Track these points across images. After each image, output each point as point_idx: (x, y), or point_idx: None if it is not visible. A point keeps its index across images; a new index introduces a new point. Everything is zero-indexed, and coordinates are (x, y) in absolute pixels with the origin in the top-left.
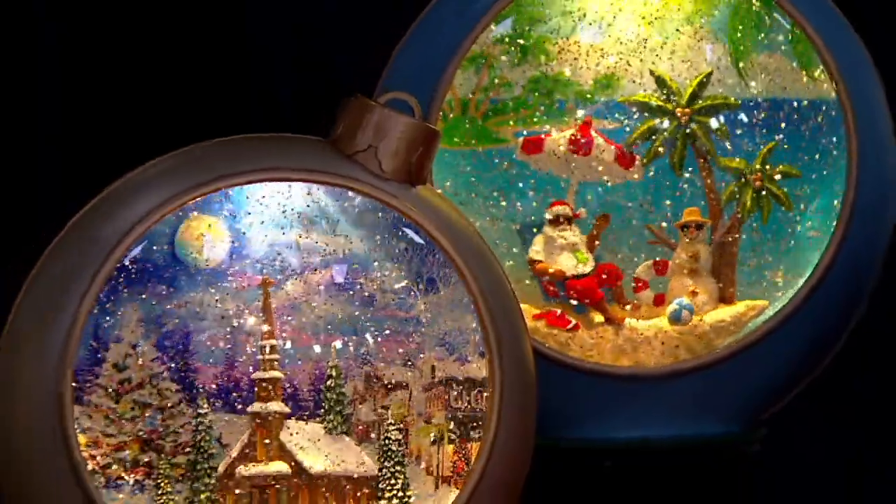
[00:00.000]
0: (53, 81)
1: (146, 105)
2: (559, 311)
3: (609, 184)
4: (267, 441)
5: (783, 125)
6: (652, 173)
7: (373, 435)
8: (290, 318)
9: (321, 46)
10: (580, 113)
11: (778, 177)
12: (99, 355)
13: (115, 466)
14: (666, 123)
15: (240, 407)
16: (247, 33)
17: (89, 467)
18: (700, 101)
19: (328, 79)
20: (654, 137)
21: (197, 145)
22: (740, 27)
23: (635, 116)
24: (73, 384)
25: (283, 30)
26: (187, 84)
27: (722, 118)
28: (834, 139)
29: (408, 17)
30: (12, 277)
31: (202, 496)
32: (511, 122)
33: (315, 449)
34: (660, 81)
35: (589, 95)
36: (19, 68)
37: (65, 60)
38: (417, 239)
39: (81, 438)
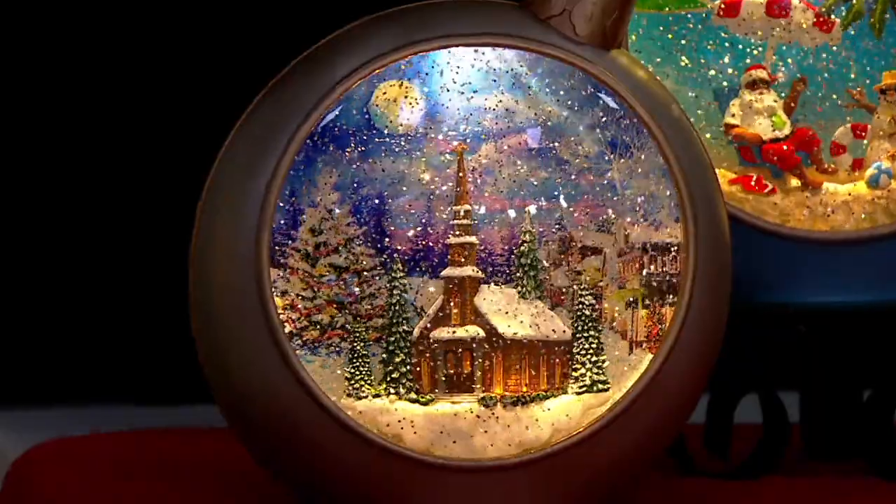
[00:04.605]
0: None
1: None
2: (755, 176)
3: (807, 47)
4: (461, 305)
5: None
6: (851, 36)
7: (566, 300)
8: (484, 182)
9: None
10: None
11: None
12: (296, 219)
13: (311, 329)
14: None
15: (434, 271)
16: None
17: (286, 330)
18: None
19: None
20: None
21: (393, 10)
22: None
23: None
24: (271, 247)
25: None
26: None
27: None
28: None
29: None
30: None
31: (397, 359)
32: None
33: (509, 313)
34: None
35: None
36: None
37: None
38: (612, 103)
39: (279, 301)
